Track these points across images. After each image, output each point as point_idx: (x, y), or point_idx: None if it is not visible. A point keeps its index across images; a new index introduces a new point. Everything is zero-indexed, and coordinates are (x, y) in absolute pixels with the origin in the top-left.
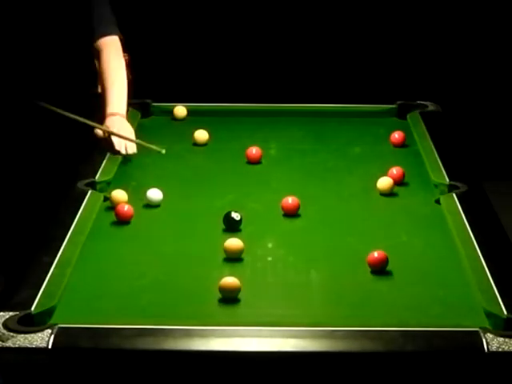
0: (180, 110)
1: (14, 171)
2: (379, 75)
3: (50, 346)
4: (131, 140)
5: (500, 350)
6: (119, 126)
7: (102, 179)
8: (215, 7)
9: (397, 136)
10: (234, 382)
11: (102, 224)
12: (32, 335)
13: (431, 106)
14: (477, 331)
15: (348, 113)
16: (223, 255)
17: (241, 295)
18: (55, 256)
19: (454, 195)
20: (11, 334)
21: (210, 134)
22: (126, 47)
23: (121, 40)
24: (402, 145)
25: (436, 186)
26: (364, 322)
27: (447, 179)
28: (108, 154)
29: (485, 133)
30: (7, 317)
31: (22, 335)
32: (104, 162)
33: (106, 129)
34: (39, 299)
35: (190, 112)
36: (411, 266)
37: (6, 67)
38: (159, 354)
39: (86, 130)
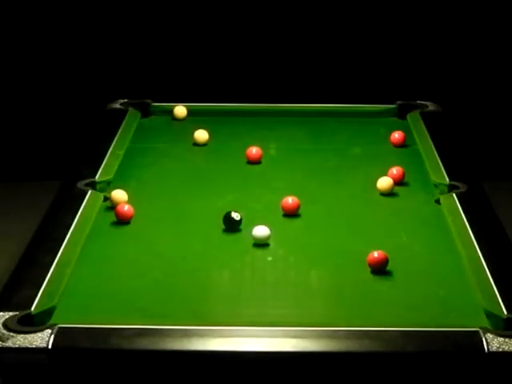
0: (180, 110)
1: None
2: (379, 75)
3: (49, 346)
4: None
5: (500, 350)
6: None
7: (102, 179)
8: (215, 7)
9: (397, 136)
10: (233, 382)
11: (102, 224)
12: (32, 335)
13: (431, 106)
14: (477, 331)
15: (348, 113)
16: (223, 255)
17: (241, 295)
18: (55, 256)
19: (454, 195)
20: (11, 333)
21: (210, 133)
22: (128, 47)
23: None
24: (402, 145)
25: (436, 185)
26: (364, 322)
27: (447, 179)
28: (108, 154)
29: (485, 133)
30: (7, 317)
31: (22, 335)
32: (104, 162)
33: None
34: (39, 299)
35: (190, 112)
36: (411, 266)
37: None
38: (159, 354)
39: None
